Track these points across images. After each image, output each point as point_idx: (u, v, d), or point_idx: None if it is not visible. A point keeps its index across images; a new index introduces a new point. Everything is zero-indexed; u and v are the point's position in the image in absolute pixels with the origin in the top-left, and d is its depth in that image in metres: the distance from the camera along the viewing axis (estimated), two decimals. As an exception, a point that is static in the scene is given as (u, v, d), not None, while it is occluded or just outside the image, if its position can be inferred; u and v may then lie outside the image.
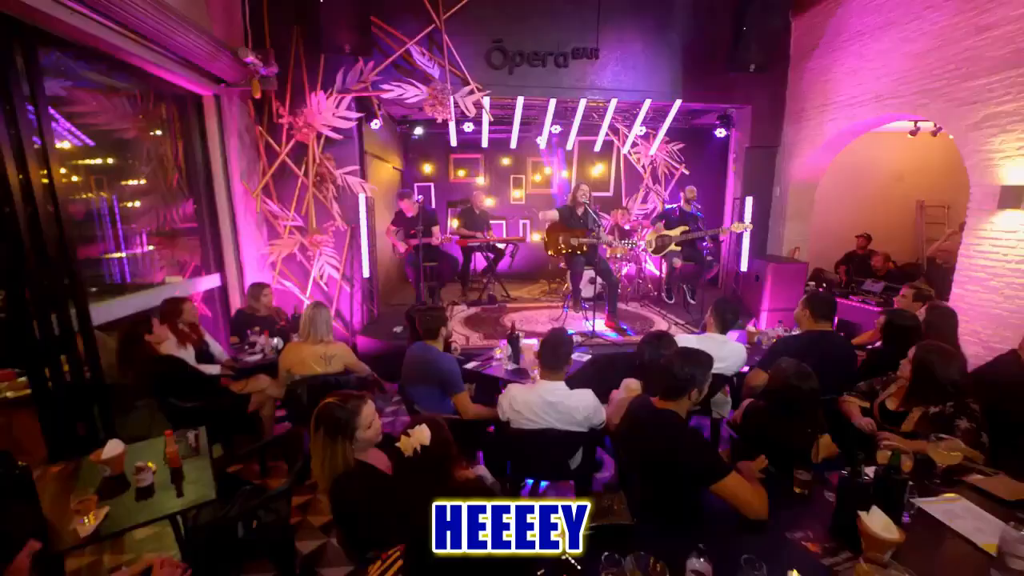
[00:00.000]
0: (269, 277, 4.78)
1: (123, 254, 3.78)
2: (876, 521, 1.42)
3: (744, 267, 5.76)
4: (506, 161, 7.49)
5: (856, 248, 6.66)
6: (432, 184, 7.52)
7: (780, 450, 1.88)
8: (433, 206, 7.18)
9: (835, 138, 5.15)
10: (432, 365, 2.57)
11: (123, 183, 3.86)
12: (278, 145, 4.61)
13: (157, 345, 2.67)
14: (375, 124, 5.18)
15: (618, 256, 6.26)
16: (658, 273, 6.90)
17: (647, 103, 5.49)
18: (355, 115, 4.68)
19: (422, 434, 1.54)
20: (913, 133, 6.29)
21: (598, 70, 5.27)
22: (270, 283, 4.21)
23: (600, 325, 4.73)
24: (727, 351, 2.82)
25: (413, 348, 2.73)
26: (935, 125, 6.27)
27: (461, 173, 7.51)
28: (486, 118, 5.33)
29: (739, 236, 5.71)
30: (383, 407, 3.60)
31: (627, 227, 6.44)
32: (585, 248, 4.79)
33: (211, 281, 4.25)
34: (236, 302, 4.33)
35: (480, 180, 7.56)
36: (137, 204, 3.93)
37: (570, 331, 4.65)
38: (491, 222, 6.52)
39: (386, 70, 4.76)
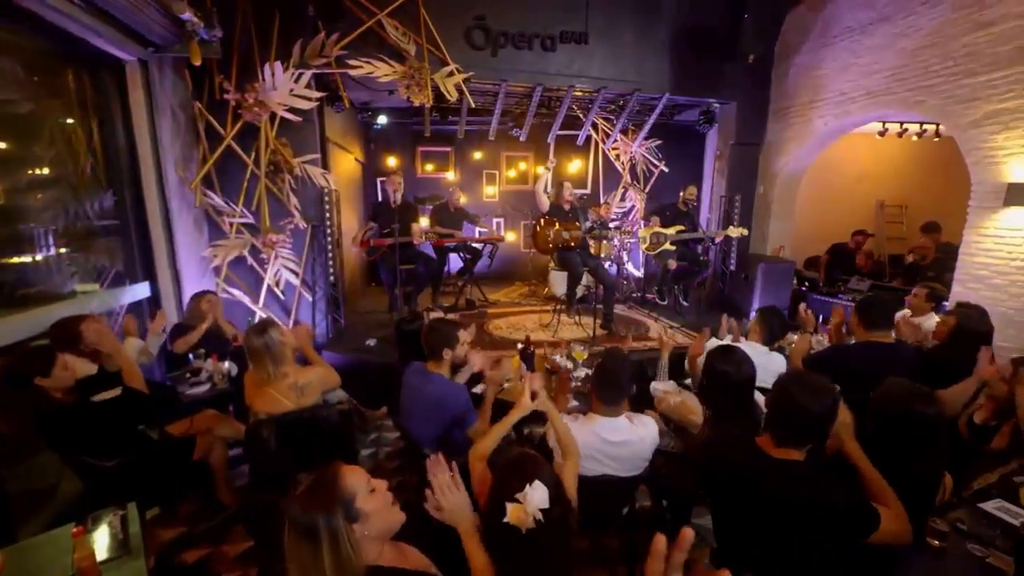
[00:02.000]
0: (212, 284, 4.02)
1: (19, 259, 2.95)
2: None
3: (732, 267, 5.61)
4: (478, 155, 6.98)
5: (851, 244, 6.52)
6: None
7: (898, 492, 1.56)
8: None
9: (824, 135, 5.08)
10: (439, 403, 2.05)
11: (17, 171, 3.02)
12: (222, 127, 3.87)
13: (58, 391, 1.95)
14: (339, 107, 4.53)
15: (602, 256, 5.95)
16: (639, 273, 6.67)
17: (634, 95, 5.19)
18: (318, 94, 4.02)
19: (539, 495, 1.07)
20: (882, 134, 6.43)
21: (587, 57, 4.90)
22: (215, 291, 3.50)
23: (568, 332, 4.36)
24: (772, 363, 2.52)
25: (412, 376, 2.19)
26: (901, 126, 6.46)
27: (429, 167, 6.92)
28: (466, 104, 4.80)
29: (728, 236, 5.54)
30: (364, 438, 3.02)
31: (611, 224, 6.14)
32: (577, 243, 4.42)
33: (138, 291, 3.46)
34: (173, 317, 3.56)
35: (450, 175, 7.00)
36: (38, 197, 3.10)
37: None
38: (477, 219, 6.06)
39: (353, 44, 4.13)
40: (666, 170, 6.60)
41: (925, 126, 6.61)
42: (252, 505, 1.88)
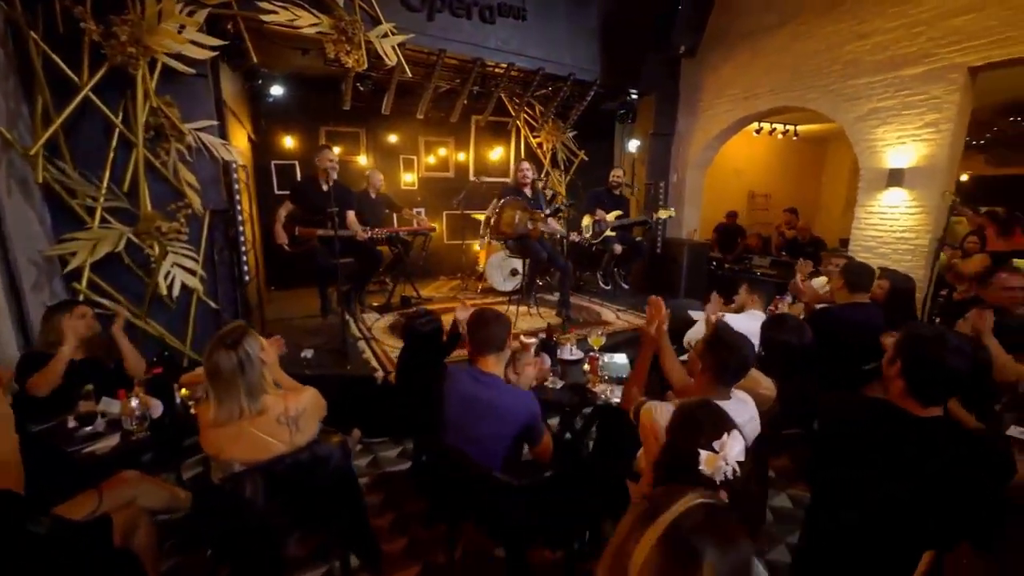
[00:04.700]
0: (68, 293, 2.88)
1: None
2: None
3: (659, 250, 5.91)
4: (394, 138, 6.29)
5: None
6: (296, 162, 5.86)
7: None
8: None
9: (730, 127, 5.60)
10: (507, 416, 1.64)
11: None
12: (75, 73, 2.75)
13: None
14: (239, 63, 3.61)
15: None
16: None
17: (569, 79, 5.12)
18: (217, 41, 3.11)
19: (738, 446, 1.04)
20: (758, 131, 7.40)
21: (524, 34, 4.68)
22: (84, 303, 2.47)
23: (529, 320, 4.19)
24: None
25: (459, 375, 1.73)
26: (771, 125, 7.52)
27: (337, 150, 6.00)
28: (396, 73, 4.21)
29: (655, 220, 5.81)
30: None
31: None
32: (538, 234, 4.19)
33: (-58, 309, 2.28)
34: (11, 345, 2.42)
35: (362, 159, 6.20)
36: None
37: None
38: (401, 207, 5.44)
39: (263, -16, 3.30)
40: (586, 158, 6.72)
41: (788, 126, 7.82)
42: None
